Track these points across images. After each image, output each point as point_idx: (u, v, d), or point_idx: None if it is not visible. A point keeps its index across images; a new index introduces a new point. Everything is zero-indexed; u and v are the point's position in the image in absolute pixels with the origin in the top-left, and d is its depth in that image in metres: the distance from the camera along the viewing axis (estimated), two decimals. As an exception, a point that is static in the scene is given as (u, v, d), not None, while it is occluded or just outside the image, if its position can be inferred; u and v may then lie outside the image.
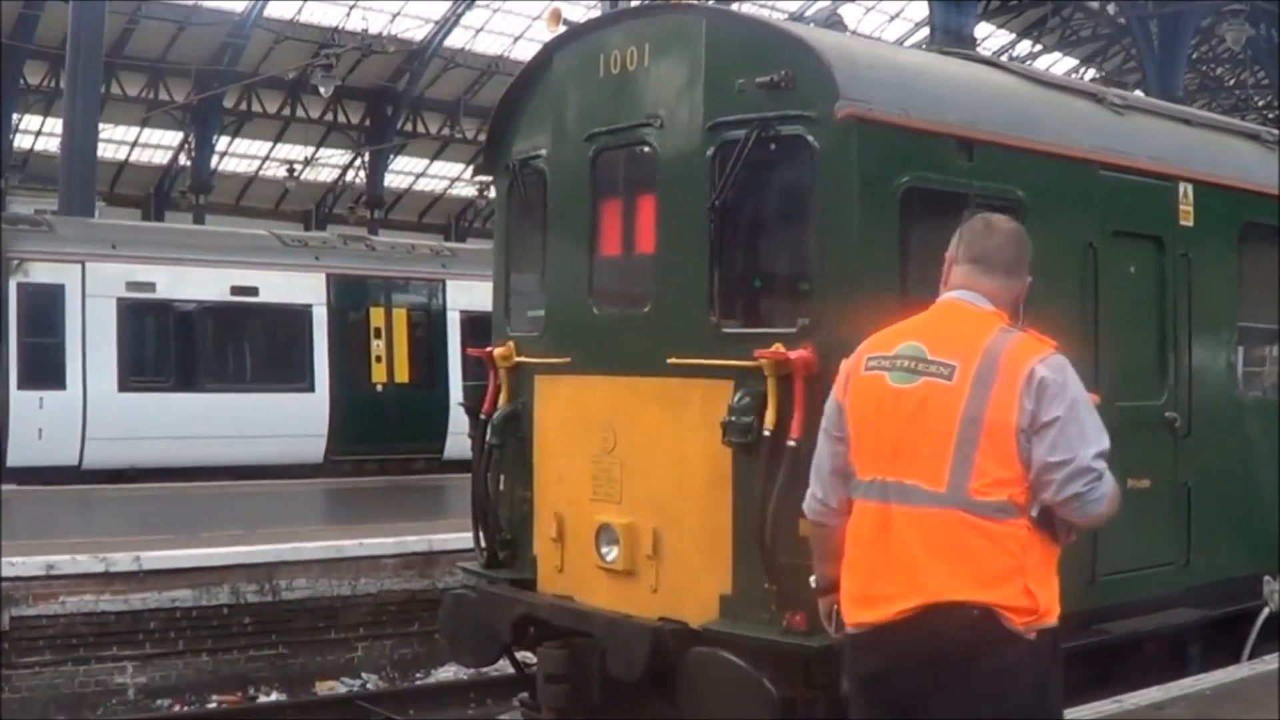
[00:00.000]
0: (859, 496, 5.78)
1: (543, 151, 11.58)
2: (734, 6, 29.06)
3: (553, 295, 11.54)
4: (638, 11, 11.49)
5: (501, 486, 11.79)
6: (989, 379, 5.49)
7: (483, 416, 11.81)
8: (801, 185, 9.90)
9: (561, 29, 11.58)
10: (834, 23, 11.01)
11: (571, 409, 11.10)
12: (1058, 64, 64.40)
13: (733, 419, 9.50)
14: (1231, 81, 69.11)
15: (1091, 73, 63.74)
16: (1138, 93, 22.29)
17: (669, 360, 10.13)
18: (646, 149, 10.66)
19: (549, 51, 11.69)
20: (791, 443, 9.20)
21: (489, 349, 11.83)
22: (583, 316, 11.10)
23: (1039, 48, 65.97)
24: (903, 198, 9.57)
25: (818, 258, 9.65)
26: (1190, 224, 11.83)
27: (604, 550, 10.52)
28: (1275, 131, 14.16)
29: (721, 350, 9.85)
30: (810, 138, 9.55)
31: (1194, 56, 56.44)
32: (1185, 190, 11.83)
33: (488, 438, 11.67)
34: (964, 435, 5.46)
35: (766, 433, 9.35)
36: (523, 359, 11.61)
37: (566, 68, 11.43)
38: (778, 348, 9.34)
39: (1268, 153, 13.38)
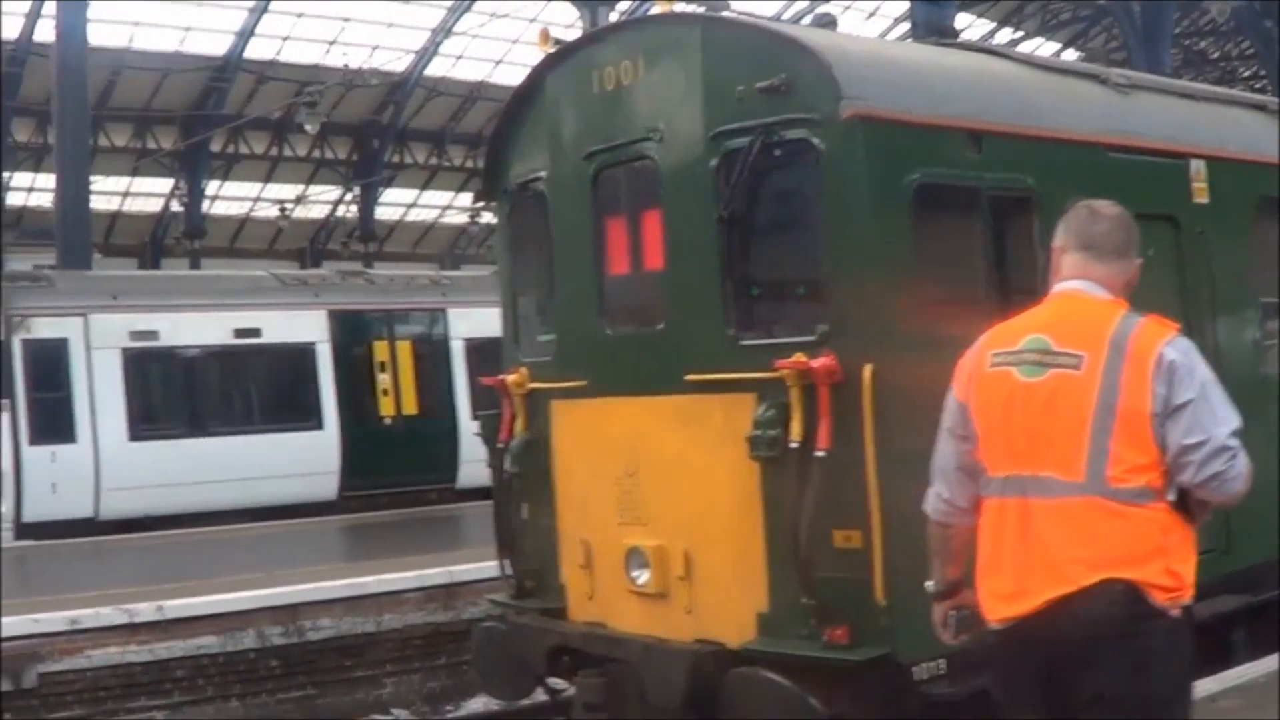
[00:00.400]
0: (992, 493, 5.75)
1: (542, 173, 11.42)
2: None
3: (563, 318, 11.38)
4: (629, 24, 11.37)
5: (525, 515, 11.62)
6: (1118, 366, 5.50)
7: (500, 445, 11.65)
8: (810, 189, 9.73)
9: (551, 48, 11.38)
10: (826, 22, 10.80)
11: (590, 432, 10.93)
12: (1039, 49, 64.15)
13: (758, 432, 9.32)
14: (1216, 54, 68.94)
15: (1075, 56, 63.62)
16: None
17: (687, 377, 9.97)
18: (648, 163, 10.49)
19: (541, 72, 11.51)
20: (820, 453, 9.04)
21: (501, 376, 11.66)
22: (595, 338, 10.94)
23: (1019, 34, 65.81)
24: (914, 195, 9.40)
25: (832, 262, 9.48)
26: (1205, 201, 11.66)
27: (634, 574, 10.35)
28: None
29: (740, 363, 9.69)
30: (815, 140, 9.39)
31: (1175, 31, 56.33)
32: (1197, 167, 11.66)
33: (507, 466, 11.50)
34: (1098, 424, 5.46)
35: (794, 444, 9.17)
36: (537, 384, 11.43)
37: (560, 87, 11.27)
38: (799, 357, 9.18)
39: (1276, 123, 13.21)
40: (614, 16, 35.88)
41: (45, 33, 43.14)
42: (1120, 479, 5.39)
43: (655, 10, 10.72)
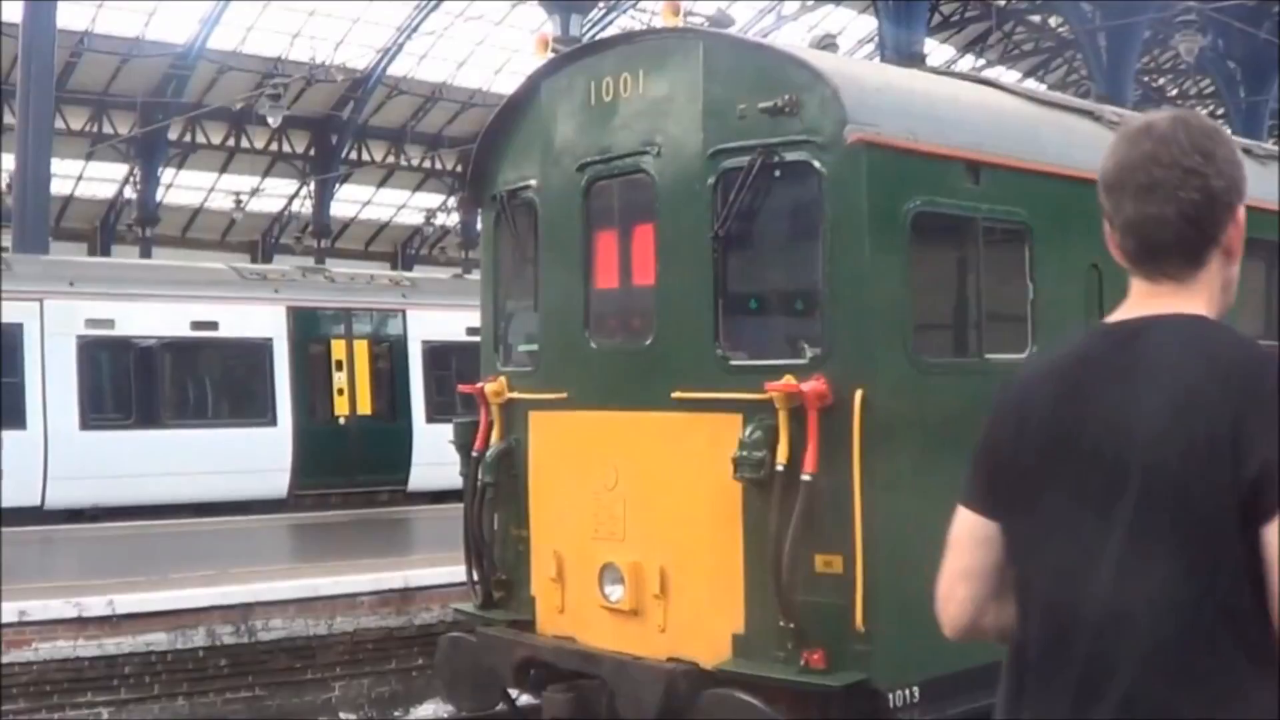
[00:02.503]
0: None
1: (532, 182, 11.33)
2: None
3: (547, 329, 11.28)
4: (630, 37, 11.27)
5: (495, 525, 11.52)
6: None
7: (474, 454, 11.53)
8: (809, 212, 9.70)
9: (550, 55, 11.30)
10: (828, 44, 10.79)
11: (569, 445, 10.85)
12: (1001, 79, 64.22)
13: (744, 454, 9.26)
14: (1174, 92, 69.34)
15: (1040, 87, 63.81)
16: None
17: (674, 394, 9.90)
18: (643, 177, 10.41)
19: (537, 80, 11.41)
20: (806, 477, 9.00)
21: (480, 385, 11.56)
22: (580, 350, 10.85)
23: (982, 62, 66.03)
24: (912, 222, 9.38)
25: (827, 286, 9.42)
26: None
27: (608, 590, 10.28)
28: (1267, 146, 14.03)
29: (729, 383, 9.64)
30: (816, 163, 9.36)
31: (1135, 68, 56.61)
32: (1184, 208, 11.67)
33: (480, 476, 11.39)
34: None
35: (780, 467, 9.12)
36: (515, 395, 11.34)
37: (556, 95, 11.17)
38: (788, 379, 9.13)
39: (1261, 167, 13.23)
40: (584, 24, 35.78)
41: (4, 12, 42.76)
42: None
43: (660, 24, 10.66)
